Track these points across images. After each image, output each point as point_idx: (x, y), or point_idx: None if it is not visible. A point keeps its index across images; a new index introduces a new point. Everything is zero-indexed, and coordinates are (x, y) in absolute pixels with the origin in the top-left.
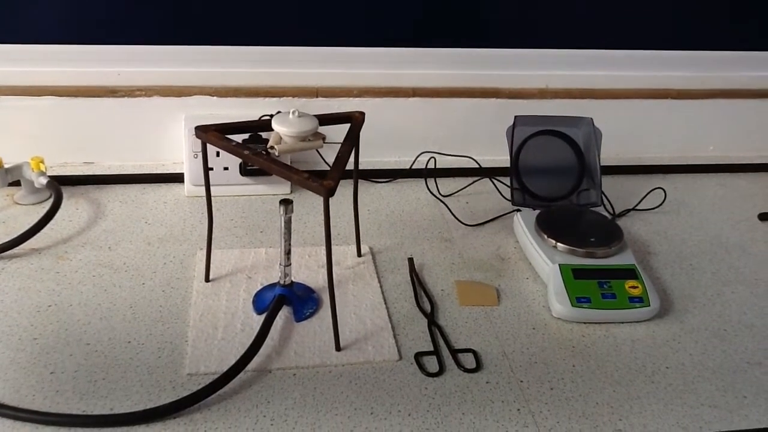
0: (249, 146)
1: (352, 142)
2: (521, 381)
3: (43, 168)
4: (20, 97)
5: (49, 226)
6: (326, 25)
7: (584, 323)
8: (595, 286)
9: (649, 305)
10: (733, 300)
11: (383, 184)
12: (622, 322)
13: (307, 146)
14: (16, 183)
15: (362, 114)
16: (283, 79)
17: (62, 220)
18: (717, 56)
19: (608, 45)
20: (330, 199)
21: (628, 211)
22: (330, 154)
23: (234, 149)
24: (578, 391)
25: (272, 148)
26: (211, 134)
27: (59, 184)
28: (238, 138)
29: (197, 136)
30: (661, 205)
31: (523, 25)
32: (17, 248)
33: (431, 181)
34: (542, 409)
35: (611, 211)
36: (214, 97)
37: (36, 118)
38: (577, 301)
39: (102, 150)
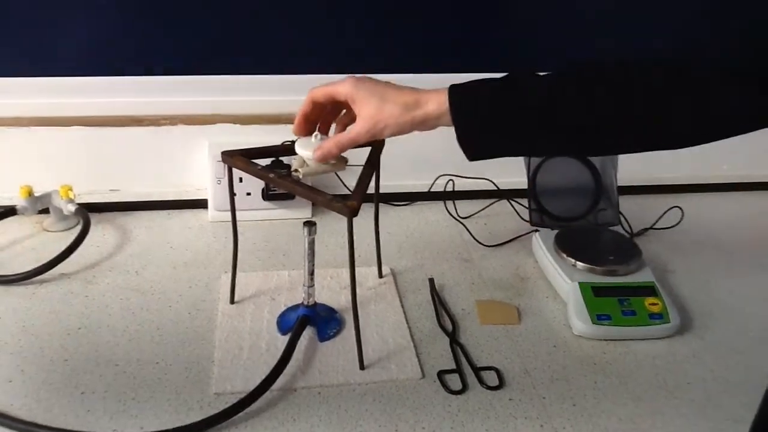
0: (274, 170)
1: (373, 164)
2: (544, 398)
3: (71, 195)
4: (49, 128)
5: (77, 251)
6: (344, 53)
7: (605, 340)
8: (615, 303)
9: (670, 322)
10: (752, 316)
11: (402, 207)
12: (643, 339)
13: (329, 169)
14: (46, 210)
15: (383, 139)
16: None
17: (90, 245)
18: None
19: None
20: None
21: (646, 230)
22: (349, 178)
23: (259, 173)
24: (600, 407)
25: (296, 171)
26: (236, 159)
27: (87, 211)
28: (260, 163)
29: (223, 161)
30: (678, 223)
31: (536, 48)
32: (47, 273)
33: (450, 203)
34: (565, 425)
35: (629, 230)
36: (237, 125)
37: (65, 148)
38: (598, 318)
39: (128, 177)
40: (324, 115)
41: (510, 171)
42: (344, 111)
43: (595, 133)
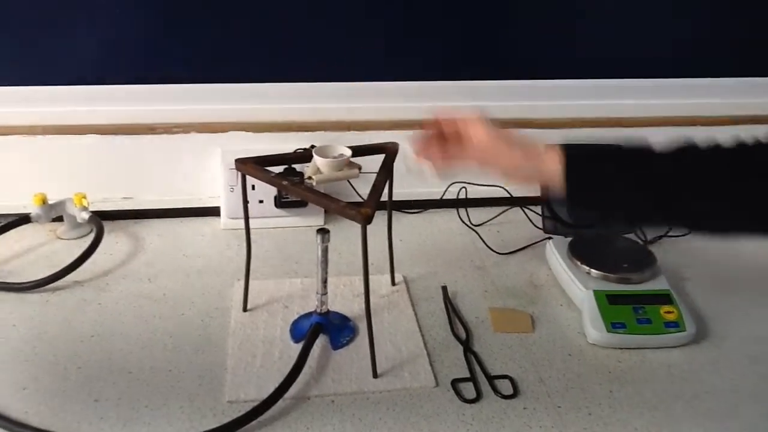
0: (287, 177)
1: (386, 172)
2: (559, 406)
3: (85, 203)
4: (63, 136)
5: (90, 259)
6: (357, 61)
7: (619, 349)
8: (630, 311)
9: (685, 330)
10: None
11: (415, 214)
12: (658, 348)
13: (343, 176)
14: (59, 218)
15: (396, 145)
16: (316, 114)
17: (103, 253)
18: (744, 83)
19: (635, 74)
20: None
21: (660, 237)
22: (362, 186)
23: (273, 180)
24: (616, 417)
25: (310, 178)
26: (250, 166)
27: (100, 218)
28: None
29: (237, 168)
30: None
31: (551, 56)
32: (61, 281)
33: (462, 211)
34: None
35: (643, 238)
36: (249, 133)
37: (78, 156)
38: (613, 326)
39: (141, 185)
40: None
41: None
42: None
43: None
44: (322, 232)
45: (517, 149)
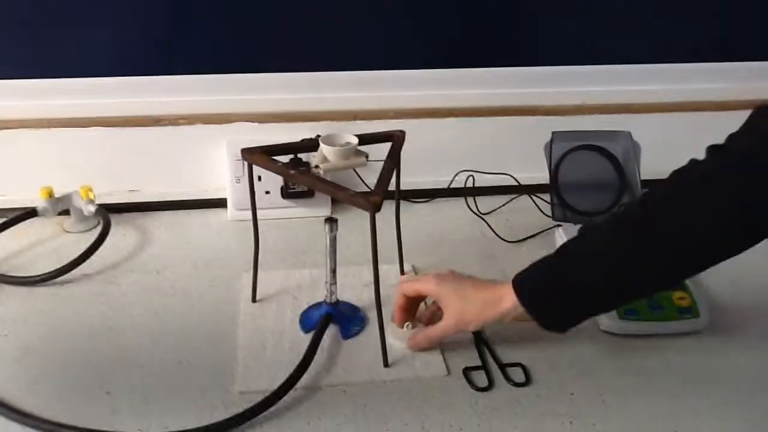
0: (294, 166)
1: (394, 160)
2: (572, 394)
3: (91, 196)
4: (68, 129)
5: (98, 252)
6: (362, 49)
7: (632, 336)
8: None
9: (699, 316)
10: None
11: (422, 203)
12: (672, 335)
13: (350, 164)
14: (66, 212)
15: (403, 133)
16: (322, 104)
17: (111, 246)
18: (755, 67)
19: (643, 59)
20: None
21: None
22: (368, 175)
23: (280, 170)
24: (630, 404)
25: (317, 167)
26: (257, 156)
27: (107, 211)
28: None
29: (243, 158)
30: None
31: (558, 42)
32: (69, 274)
33: (470, 200)
34: (595, 421)
35: None
36: (255, 123)
37: (84, 149)
38: (625, 313)
39: (148, 178)
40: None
41: (531, 166)
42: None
43: (666, 280)
44: (330, 221)
45: (481, 307)
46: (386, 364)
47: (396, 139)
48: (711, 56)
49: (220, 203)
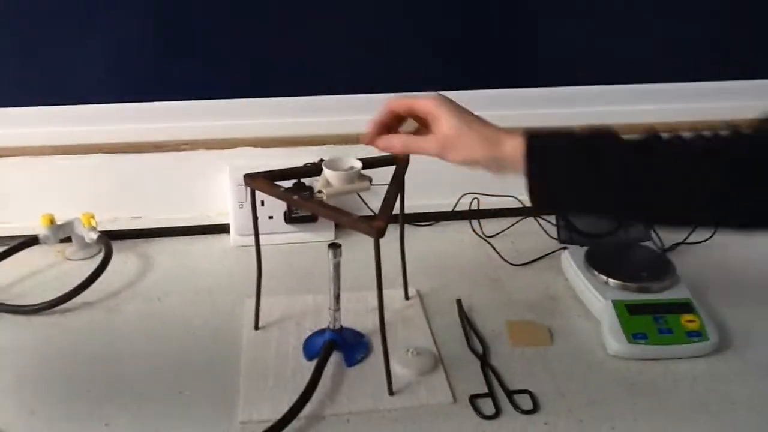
0: (297, 192)
1: (398, 184)
2: (581, 421)
3: (93, 223)
4: (70, 156)
5: (100, 280)
6: (363, 72)
7: (641, 360)
8: (651, 321)
9: (708, 339)
10: None
11: (427, 226)
12: (681, 358)
13: (353, 188)
14: (68, 239)
15: (407, 156)
16: (324, 128)
17: (112, 273)
18: (758, 85)
19: (646, 79)
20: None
21: (678, 244)
22: (371, 199)
23: (283, 195)
24: (640, 430)
25: (320, 192)
26: (259, 181)
27: (109, 238)
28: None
29: (246, 183)
30: (711, 237)
31: (558, 62)
32: (69, 302)
33: (475, 222)
34: None
35: (660, 245)
36: (258, 148)
37: (85, 175)
38: (634, 337)
39: (150, 204)
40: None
41: None
42: (407, 122)
43: (678, 215)
44: (334, 246)
45: (477, 139)
46: (391, 393)
47: (400, 162)
48: (708, 76)
49: (223, 229)
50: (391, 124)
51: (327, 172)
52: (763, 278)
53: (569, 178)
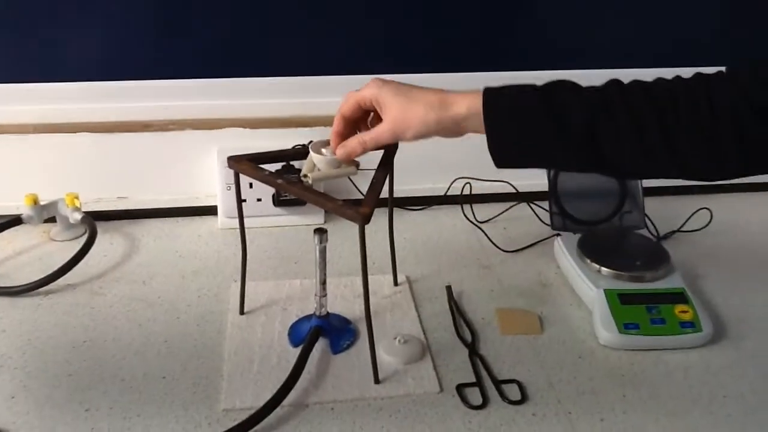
0: (283, 176)
1: (386, 168)
2: (570, 413)
3: (77, 204)
4: (54, 134)
5: (84, 261)
6: (355, 53)
7: (633, 350)
8: (644, 311)
9: (702, 330)
10: None
11: (418, 211)
12: (673, 349)
13: (341, 173)
14: (52, 219)
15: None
16: (315, 108)
17: (97, 255)
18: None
19: (639, 64)
20: (365, 227)
21: (673, 232)
22: (363, 182)
23: (267, 178)
24: (630, 423)
25: (306, 176)
26: (243, 164)
27: (94, 219)
28: (271, 168)
29: (230, 166)
30: (707, 225)
31: (547, 48)
32: (53, 284)
33: (467, 207)
34: None
35: (655, 234)
36: (247, 129)
37: (70, 155)
38: (625, 327)
39: (136, 185)
40: (360, 127)
41: (529, 173)
42: (372, 115)
43: (633, 164)
44: (320, 232)
45: (423, 108)
46: (377, 381)
47: (389, 146)
48: (710, 61)
49: (211, 211)
50: (354, 126)
51: (314, 156)
52: (758, 267)
53: (526, 128)
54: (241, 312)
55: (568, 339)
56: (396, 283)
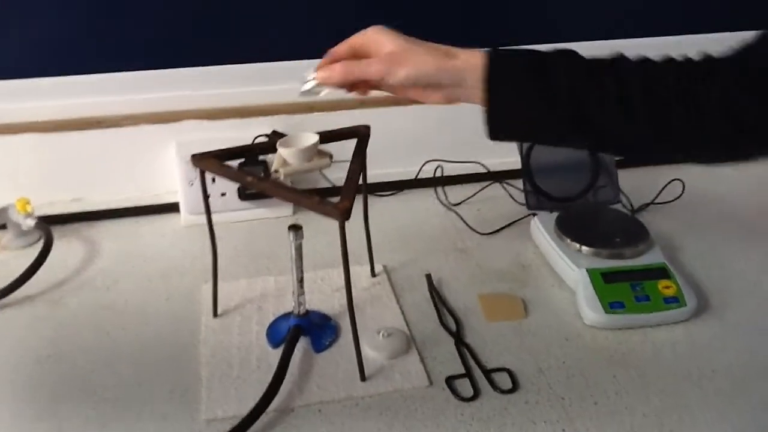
0: (252, 171)
1: (360, 160)
2: (562, 398)
3: (29, 209)
4: (1, 136)
5: (41, 270)
6: (315, 37)
7: (619, 329)
8: (628, 288)
9: (686, 305)
10: None
11: (389, 196)
12: (659, 325)
13: (313, 166)
14: (2, 227)
15: (368, 128)
16: (276, 96)
17: (55, 262)
18: (713, 38)
19: (610, 35)
20: None
21: (647, 205)
22: (332, 170)
23: (236, 176)
24: (623, 404)
25: (276, 171)
26: (208, 162)
27: (48, 224)
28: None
29: (195, 165)
30: (680, 196)
31: (519, 24)
32: (9, 297)
33: (440, 190)
34: (588, 426)
35: (630, 207)
36: (205, 121)
37: (18, 157)
38: (611, 306)
39: (90, 185)
40: None
41: (501, 152)
42: None
43: (630, 139)
44: (295, 228)
45: (426, 51)
46: (363, 378)
47: (361, 134)
48: (677, 29)
49: (173, 208)
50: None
51: (282, 151)
52: (733, 237)
53: (523, 95)
54: (215, 314)
55: (554, 322)
56: (373, 274)
